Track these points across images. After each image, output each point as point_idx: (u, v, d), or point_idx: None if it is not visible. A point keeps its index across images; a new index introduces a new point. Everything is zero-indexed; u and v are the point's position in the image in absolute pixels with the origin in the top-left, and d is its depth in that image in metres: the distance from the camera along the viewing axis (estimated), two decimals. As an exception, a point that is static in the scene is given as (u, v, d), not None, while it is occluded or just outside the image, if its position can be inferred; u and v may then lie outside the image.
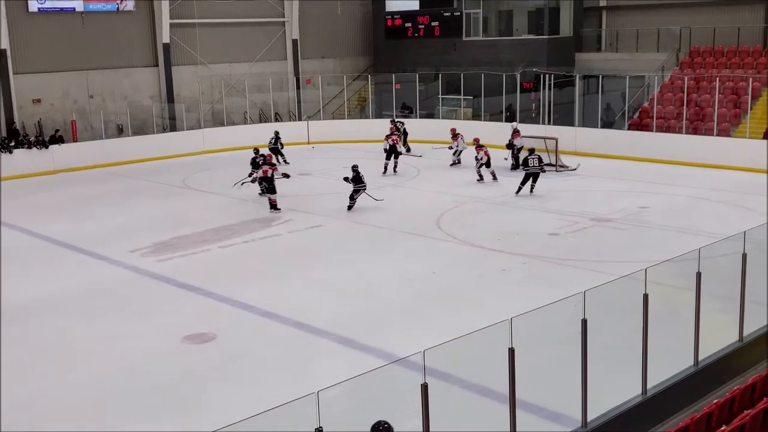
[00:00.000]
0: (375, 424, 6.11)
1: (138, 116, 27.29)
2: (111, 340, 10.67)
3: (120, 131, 26.75)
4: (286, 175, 18.79)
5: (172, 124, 28.08)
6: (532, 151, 18.94)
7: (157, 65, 28.73)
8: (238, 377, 9.42)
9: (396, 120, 26.44)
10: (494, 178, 20.51)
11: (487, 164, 20.35)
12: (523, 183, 18.58)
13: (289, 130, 28.59)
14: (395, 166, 22.42)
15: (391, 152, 22.32)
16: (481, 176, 20.59)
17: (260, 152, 20.46)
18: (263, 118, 30.59)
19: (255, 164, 19.78)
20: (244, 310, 11.64)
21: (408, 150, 25.49)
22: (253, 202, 18.96)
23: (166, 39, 28.31)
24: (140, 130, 26.66)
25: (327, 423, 5.24)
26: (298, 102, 31.55)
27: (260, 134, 28.08)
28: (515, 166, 22.12)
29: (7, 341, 10.61)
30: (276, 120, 30.41)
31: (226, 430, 5.05)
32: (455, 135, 23.40)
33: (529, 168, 18.53)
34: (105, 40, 26.89)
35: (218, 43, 29.85)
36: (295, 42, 32.17)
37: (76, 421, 8.44)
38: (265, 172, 18.35)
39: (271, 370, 9.57)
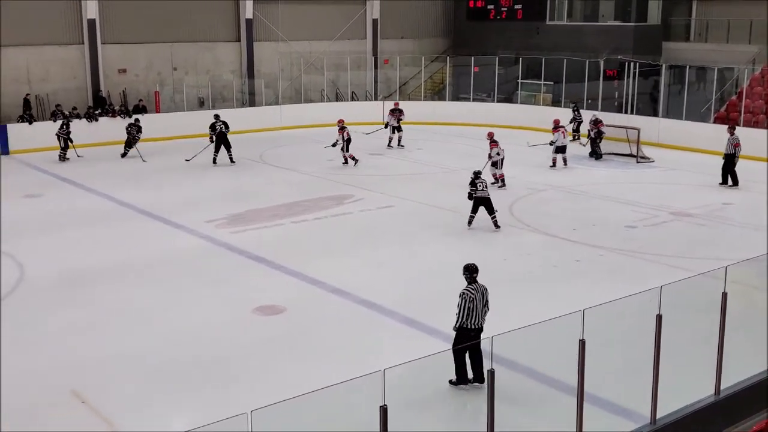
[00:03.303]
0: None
1: (219, 90, 27.87)
2: (183, 307, 10.97)
3: (201, 104, 27.37)
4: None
5: (251, 99, 28.55)
6: (478, 174, 14.70)
7: (239, 40, 29.19)
8: (305, 351, 9.58)
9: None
10: (354, 159, 20.77)
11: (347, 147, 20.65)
12: (474, 211, 14.66)
13: (364, 110, 28.74)
14: (399, 140, 23.41)
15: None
16: (346, 160, 20.73)
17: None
18: (339, 97, 30.79)
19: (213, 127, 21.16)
20: (313, 285, 11.80)
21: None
22: (327, 180, 19.16)
23: (249, 15, 28.71)
24: (220, 103, 27.21)
25: (390, 402, 5.27)
26: (375, 82, 31.59)
27: (336, 112, 28.28)
28: (599, 156, 21.62)
29: (82, 304, 11.01)
30: (352, 99, 30.55)
31: (291, 402, 5.14)
32: (557, 127, 20.62)
33: (477, 192, 14.53)
34: (190, 14, 27.44)
35: (300, 20, 30.09)
36: (375, 21, 32.16)
37: (144, 385, 8.71)
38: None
39: (336, 346, 9.68)
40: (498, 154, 17.99)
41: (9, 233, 14.28)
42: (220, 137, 20.62)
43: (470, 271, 8.34)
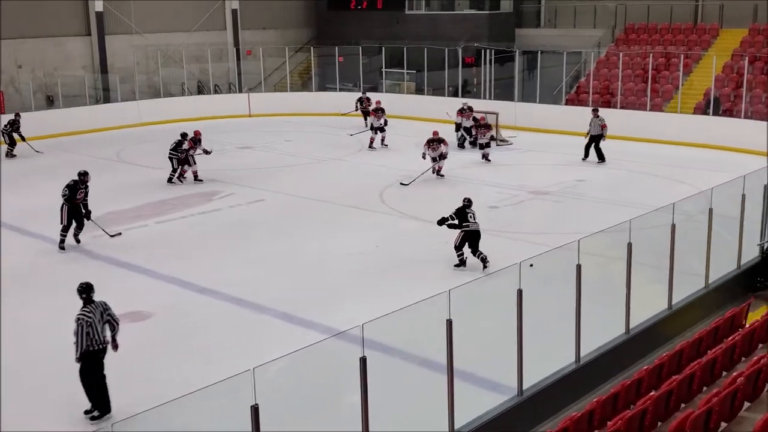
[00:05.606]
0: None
1: (69, 87, 26.38)
2: (42, 319, 10.36)
3: (50, 102, 25.85)
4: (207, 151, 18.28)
5: (105, 96, 27.28)
6: (470, 202, 12.28)
7: (89, 34, 27.81)
8: (175, 356, 9.30)
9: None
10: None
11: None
12: (461, 248, 12.03)
13: (229, 103, 28.15)
14: (383, 140, 22.01)
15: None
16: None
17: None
18: (202, 90, 29.99)
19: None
20: (181, 287, 11.46)
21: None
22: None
23: (99, 7, 27.39)
24: (72, 101, 25.79)
25: (265, 400, 5.21)
26: (239, 74, 31.00)
27: (199, 106, 27.59)
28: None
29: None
30: (215, 92, 29.85)
31: (159, 409, 4.98)
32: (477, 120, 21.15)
33: (469, 224, 11.97)
34: (34, 8, 25.81)
35: (154, 11, 29.01)
36: (234, 12, 31.54)
37: (13, 397, 8.20)
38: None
39: (209, 348, 9.46)
40: (446, 152, 17.93)
41: None
42: (71, 210, 13.29)
43: (86, 291, 7.85)
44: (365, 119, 24.86)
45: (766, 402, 6.54)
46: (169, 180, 17.93)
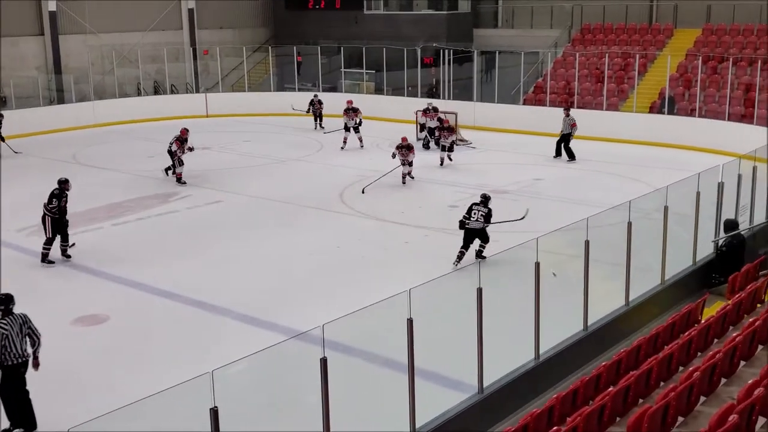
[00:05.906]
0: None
1: (22, 88, 25.76)
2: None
3: (3, 103, 25.22)
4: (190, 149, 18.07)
5: (59, 96, 26.72)
6: (487, 199, 12.57)
7: (42, 34, 27.22)
8: (132, 359, 9.14)
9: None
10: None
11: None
12: (465, 247, 12.19)
13: (186, 103, 27.79)
14: (360, 140, 21.70)
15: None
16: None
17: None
18: (158, 90, 29.56)
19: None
20: (139, 290, 11.26)
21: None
22: (150, 178, 18.32)
23: (52, 7, 26.81)
24: (25, 102, 25.19)
25: (226, 402, 5.14)
26: (196, 74, 30.64)
27: (156, 106, 27.19)
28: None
29: None
30: (172, 92, 29.46)
31: (119, 413, 4.89)
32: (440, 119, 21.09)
33: (470, 222, 12.25)
34: (-16, 7, 25.21)
35: (109, 11, 28.50)
36: (191, 11, 31.15)
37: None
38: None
39: (168, 351, 9.32)
40: (413, 160, 17.63)
41: None
42: (54, 221, 12.41)
43: (4, 303, 7.58)
44: (316, 120, 24.79)
45: (721, 396, 6.66)
46: (165, 170, 18.16)
